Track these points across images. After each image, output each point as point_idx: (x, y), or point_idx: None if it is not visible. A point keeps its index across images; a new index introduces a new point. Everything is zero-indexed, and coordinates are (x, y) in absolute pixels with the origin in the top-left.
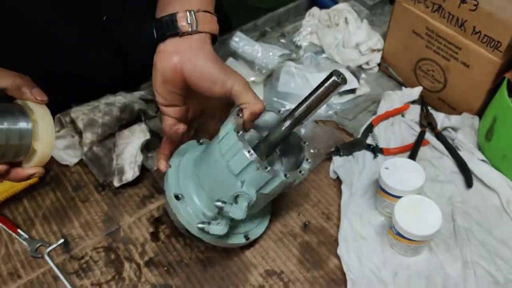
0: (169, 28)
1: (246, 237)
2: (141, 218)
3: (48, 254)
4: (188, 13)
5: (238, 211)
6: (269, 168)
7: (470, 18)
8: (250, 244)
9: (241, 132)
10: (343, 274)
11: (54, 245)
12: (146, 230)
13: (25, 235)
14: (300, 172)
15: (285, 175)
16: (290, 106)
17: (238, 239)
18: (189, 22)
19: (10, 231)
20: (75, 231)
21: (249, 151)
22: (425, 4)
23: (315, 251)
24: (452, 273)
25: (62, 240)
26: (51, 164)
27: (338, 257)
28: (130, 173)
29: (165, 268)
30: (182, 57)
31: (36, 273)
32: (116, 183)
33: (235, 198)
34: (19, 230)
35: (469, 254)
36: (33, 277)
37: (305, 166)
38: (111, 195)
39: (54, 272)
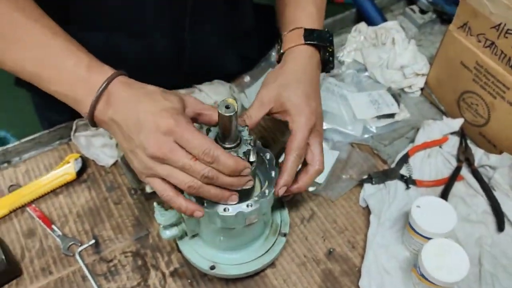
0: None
1: (211, 267)
2: None
3: (79, 253)
4: None
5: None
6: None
7: None
8: (273, 265)
9: None
10: None
11: (85, 245)
12: (173, 240)
13: (59, 232)
14: (248, 205)
15: (224, 209)
16: (326, 126)
17: (202, 264)
18: None
19: (45, 226)
20: (106, 232)
21: None
22: (477, 38)
23: (337, 280)
24: None
25: (93, 241)
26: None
27: None
28: None
29: (189, 281)
30: None
31: (66, 271)
32: (149, 190)
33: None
34: (53, 226)
35: None
36: (63, 274)
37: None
38: (143, 200)
39: (83, 272)
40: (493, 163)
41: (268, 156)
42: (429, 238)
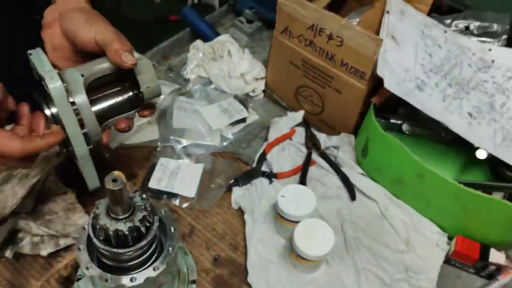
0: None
1: None
2: (49, 280)
3: None
4: None
5: None
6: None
7: (338, 52)
8: None
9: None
10: None
11: None
12: None
13: None
14: (154, 269)
15: (131, 279)
16: (187, 142)
17: None
18: None
19: None
20: None
21: (87, 267)
22: (298, 39)
23: (227, 283)
24: (347, 281)
25: None
26: None
27: (249, 284)
28: None
29: None
30: (60, 19)
31: None
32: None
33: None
34: None
35: (359, 261)
36: None
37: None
38: (12, 260)
39: None
40: (335, 143)
41: (163, 212)
42: (297, 222)
